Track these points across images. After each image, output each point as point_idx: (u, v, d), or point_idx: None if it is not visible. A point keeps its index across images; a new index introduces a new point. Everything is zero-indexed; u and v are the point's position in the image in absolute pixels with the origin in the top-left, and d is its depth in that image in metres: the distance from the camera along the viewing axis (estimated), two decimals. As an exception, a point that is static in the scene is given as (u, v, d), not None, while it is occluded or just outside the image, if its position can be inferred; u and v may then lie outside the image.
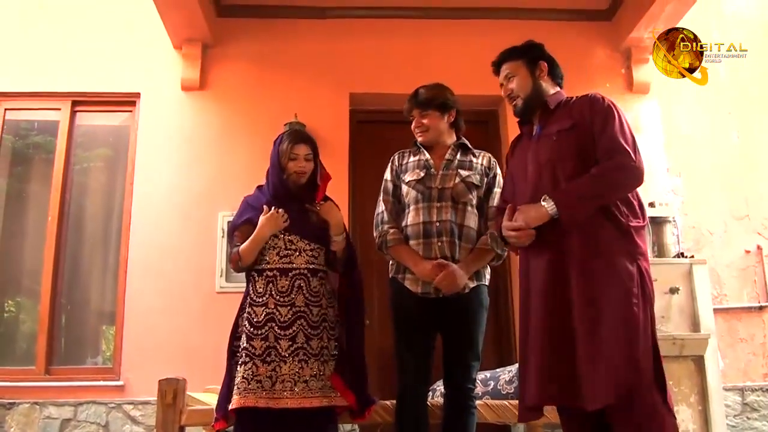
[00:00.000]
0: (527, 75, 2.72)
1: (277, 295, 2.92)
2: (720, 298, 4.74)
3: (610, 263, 2.39)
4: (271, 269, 2.97)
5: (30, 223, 4.93)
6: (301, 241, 3.00)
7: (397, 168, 3.21)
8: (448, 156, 3.12)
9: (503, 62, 2.80)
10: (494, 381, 3.81)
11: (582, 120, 2.54)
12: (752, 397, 4.62)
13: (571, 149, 2.52)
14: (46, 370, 4.46)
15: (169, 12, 4.52)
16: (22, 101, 4.94)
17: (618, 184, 2.47)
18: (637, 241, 2.46)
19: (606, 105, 2.55)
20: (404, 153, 3.27)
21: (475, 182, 3.06)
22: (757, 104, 5.19)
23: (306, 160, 3.06)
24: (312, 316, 2.92)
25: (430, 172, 3.07)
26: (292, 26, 4.99)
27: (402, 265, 3.04)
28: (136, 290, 4.51)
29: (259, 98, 4.85)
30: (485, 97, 4.89)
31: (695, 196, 4.93)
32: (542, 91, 2.71)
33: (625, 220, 2.45)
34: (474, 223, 3.05)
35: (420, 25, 5.02)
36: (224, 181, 4.60)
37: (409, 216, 3.06)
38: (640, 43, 4.89)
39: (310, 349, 2.88)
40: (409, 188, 3.09)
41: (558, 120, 2.62)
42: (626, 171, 2.46)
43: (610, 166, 2.44)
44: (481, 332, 3.02)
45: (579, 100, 2.63)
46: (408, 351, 2.99)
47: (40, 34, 4.95)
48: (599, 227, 2.43)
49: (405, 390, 3.00)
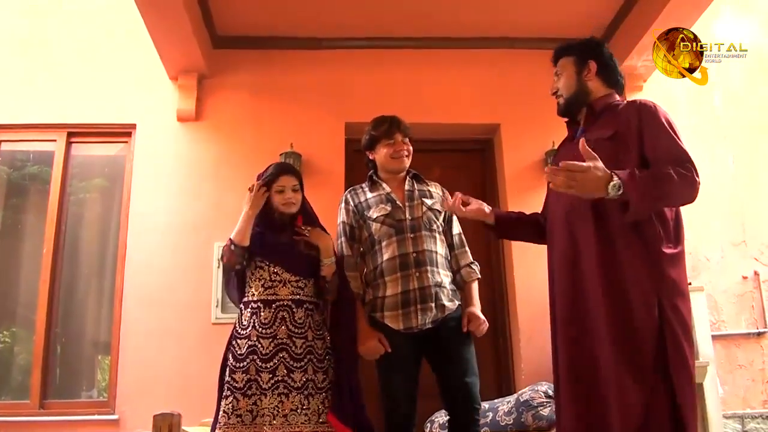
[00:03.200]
0: (573, 74, 2.57)
1: (260, 327, 2.90)
2: (718, 325, 4.72)
3: (632, 299, 2.16)
4: (255, 301, 2.96)
5: (25, 253, 4.91)
6: (286, 272, 2.99)
7: (354, 208, 3.20)
8: (408, 187, 3.18)
9: (559, 57, 2.66)
10: (493, 412, 3.78)
11: (627, 128, 2.35)
12: (752, 424, 4.58)
13: (609, 159, 2.21)
14: (41, 404, 4.40)
15: (164, 43, 4.53)
16: (18, 133, 4.93)
17: (682, 192, 2.21)
18: (668, 272, 2.19)
19: (661, 113, 2.36)
20: (356, 191, 3.28)
21: (439, 209, 3.15)
22: (752, 130, 5.21)
23: (293, 191, 3.05)
24: (295, 348, 2.89)
25: (396, 205, 3.09)
26: (288, 57, 5.01)
27: (378, 303, 3.04)
28: (132, 322, 4.47)
29: (255, 128, 4.86)
30: (481, 125, 4.93)
31: (692, 222, 4.87)
32: (587, 92, 2.54)
33: (657, 245, 2.22)
34: (443, 249, 3.11)
35: (415, 55, 5.04)
36: (220, 212, 4.58)
37: (384, 252, 3.06)
38: (634, 71, 4.93)
39: (291, 382, 2.84)
40: (377, 224, 3.09)
41: (601, 126, 2.44)
42: (692, 182, 2.19)
43: (681, 171, 2.17)
44: (472, 346, 3.03)
45: (627, 106, 2.45)
46: (396, 385, 2.98)
47: (36, 66, 4.96)
48: (625, 249, 2.22)
49: (396, 416, 2.99)
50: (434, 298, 2.96)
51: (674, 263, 2.23)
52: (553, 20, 4.84)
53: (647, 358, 2.12)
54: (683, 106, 5.15)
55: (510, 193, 4.80)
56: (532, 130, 4.84)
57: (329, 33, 5.00)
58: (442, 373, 3.01)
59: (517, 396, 3.91)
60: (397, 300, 2.98)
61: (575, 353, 2.31)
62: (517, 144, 4.91)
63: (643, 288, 2.16)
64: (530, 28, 4.99)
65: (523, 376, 4.39)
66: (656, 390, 2.11)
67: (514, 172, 4.85)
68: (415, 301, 2.95)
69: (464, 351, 2.99)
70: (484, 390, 3.13)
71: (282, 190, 3.03)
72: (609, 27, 5.00)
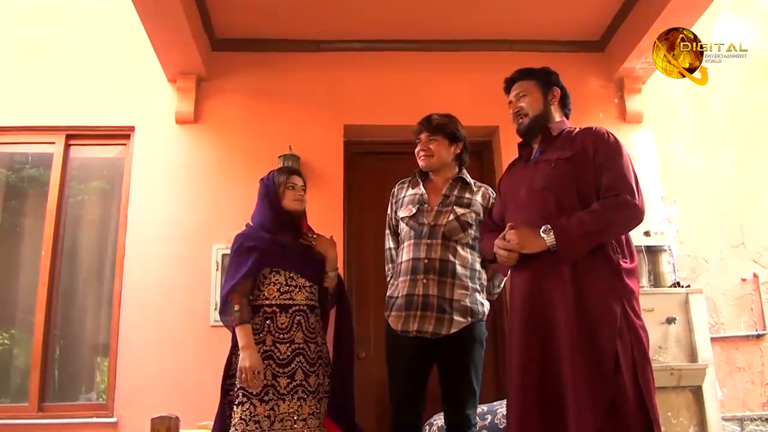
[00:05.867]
0: (540, 96, 2.73)
1: (276, 331, 2.89)
2: (717, 327, 4.71)
3: (601, 306, 2.34)
4: (270, 305, 2.94)
5: (24, 255, 4.91)
6: (301, 277, 2.98)
7: (395, 204, 3.25)
8: (446, 191, 3.12)
9: (517, 80, 2.79)
10: (491, 415, 3.77)
11: (583, 152, 2.52)
12: (751, 427, 4.58)
13: (568, 179, 2.50)
14: (39, 407, 4.39)
15: (163, 46, 4.53)
16: (16, 135, 4.92)
17: (620, 223, 2.45)
18: (627, 283, 2.41)
19: (612, 140, 2.54)
20: (403, 185, 3.29)
21: (469, 221, 3.04)
22: (751, 132, 5.21)
23: (303, 190, 3.11)
24: (310, 353, 2.91)
25: (423, 208, 3.07)
26: (287, 59, 5.01)
27: (389, 303, 3.06)
28: (130, 323, 4.46)
29: (254, 131, 4.85)
30: (479, 127, 4.91)
31: (690, 224, 4.93)
32: (550, 116, 2.71)
33: (617, 261, 2.41)
34: (465, 261, 3.02)
35: (414, 57, 5.04)
36: (219, 214, 4.58)
37: (403, 252, 3.07)
38: (633, 73, 4.93)
39: (308, 386, 2.86)
40: (403, 224, 3.09)
41: (559, 148, 2.60)
42: (629, 210, 2.43)
43: (614, 203, 2.41)
44: (477, 367, 2.99)
45: (582, 132, 2.61)
46: (397, 387, 2.98)
47: (34, 68, 4.96)
48: (592, 266, 2.39)
49: (400, 422, 2.99)
50: (437, 309, 2.92)
51: (630, 276, 2.45)
52: (551, 23, 4.85)
53: (609, 360, 2.28)
54: (682, 109, 5.16)
55: (508, 196, 4.78)
56: (531, 133, 4.83)
57: (328, 35, 5.00)
58: (443, 381, 3.00)
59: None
60: (402, 302, 2.98)
61: (536, 361, 2.41)
62: (515, 146, 4.87)
63: (612, 292, 2.36)
64: (529, 31, 4.99)
65: (522, 379, 4.37)
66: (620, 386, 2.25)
67: (513, 174, 4.83)
68: (416, 306, 2.94)
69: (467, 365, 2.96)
70: (483, 393, 3.14)
71: (294, 187, 3.06)
72: (607, 29, 5.00)
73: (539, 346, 2.41)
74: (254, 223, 3.13)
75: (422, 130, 3.17)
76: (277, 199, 3.06)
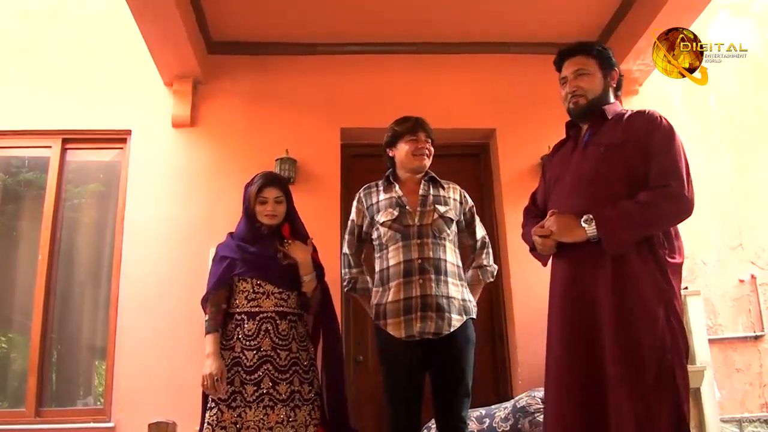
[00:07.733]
0: (601, 78, 2.55)
1: (244, 339, 2.89)
2: (715, 329, 4.72)
3: (643, 309, 2.21)
4: (239, 313, 2.95)
5: (21, 259, 4.90)
6: (268, 284, 2.97)
7: (366, 210, 3.22)
8: (422, 192, 3.14)
9: (575, 54, 2.59)
10: (489, 418, 3.77)
11: (636, 137, 2.38)
12: (750, 428, 4.57)
13: (619, 167, 2.36)
14: (36, 412, 4.37)
15: (159, 49, 4.52)
16: (13, 139, 4.91)
17: (668, 215, 2.31)
18: (672, 281, 2.27)
19: (666, 125, 2.39)
20: (370, 191, 3.28)
21: (452, 217, 3.10)
22: (748, 133, 5.22)
23: (276, 202, 3.04)
24: (280, 360, 2.88)
25: (405, 210, 3.07)
26: (283, 62, 5.00)
27: (381, 311, 3.02)
28: (128, 326, 4.45)
29: (250, 134, 4.84)
30: (476, 130, 4.92)
31: (688, 225, 4.85)
32: (608, 98, 2.56)
33: (665, 256, 2.28)
34: (453, 257, 3.07)
35: (411, 60, 5.03)
36: (215, 217, 4.57)
37: (389, 257, 3.05)
38: (630, 75, 4.91)
39: (276, 394, 2.83)
40: (385, 228, 3.08)
41: (610, 132, 2.46)
42: (679, 202, 2.28)
43: (663, 194, 2.27)
44: (470, 367, 3.01)
45: (635, 115, 2.47)
46: (398, 394, 2.98)
47: (31, 72, 4.95)
48: (637, 260, 2.26)
49: (396, 424, 2.98)
50: (436, 308, 2.92)
51: (676, 273, 2.32)
52: (548, 25, 4.83)
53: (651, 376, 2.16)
54: (679, 110, 5.16)
55: (506, 198, 4.78)
56: (528, 135, 4.83)
57: (324, 38, 4.99)
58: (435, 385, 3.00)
59: (513, 402, 3.90)
60: (399, 306, 2.96)
61: (577, 362, 2.31)
62: (513, 149, 4.90)
63: (656, 290, 2.23)
64: (526, 33, 4.98)
65: (520, 382, 4.36)
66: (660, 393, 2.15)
67: (511, 176, 4.83)
68: (416, 308, 2.93)
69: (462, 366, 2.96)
70: (480, 396, 3.13)
71: (265, 201, 3.03)
72: (604, 31, 4.99)
73: (579, 348, 2.30)
74: (234, 233, 3.15)
75: (420, 130, 3.18)
76: (251, 211, 3.05)
